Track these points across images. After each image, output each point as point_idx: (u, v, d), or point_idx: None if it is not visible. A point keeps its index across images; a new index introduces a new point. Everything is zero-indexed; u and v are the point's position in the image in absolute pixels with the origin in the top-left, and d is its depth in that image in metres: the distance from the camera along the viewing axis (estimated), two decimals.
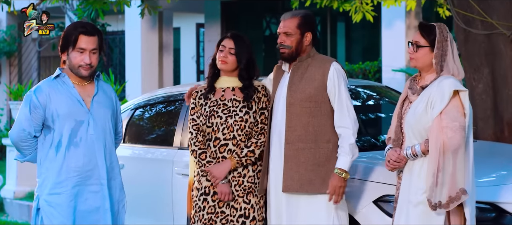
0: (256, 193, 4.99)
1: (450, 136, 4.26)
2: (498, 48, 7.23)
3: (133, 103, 6.86)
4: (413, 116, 4.42)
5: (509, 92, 7.24)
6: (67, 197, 4.58)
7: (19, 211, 10.65)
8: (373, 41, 14.30)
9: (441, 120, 4.30)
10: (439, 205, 4.27)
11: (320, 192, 4.76)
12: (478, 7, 7.19)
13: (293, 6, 10.39)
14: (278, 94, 4.92)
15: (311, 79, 4.82)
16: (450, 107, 4.32)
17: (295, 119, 4.80)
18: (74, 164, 4.60)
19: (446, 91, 4.32)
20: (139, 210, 6.26)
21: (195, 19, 19.52)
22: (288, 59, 4.92)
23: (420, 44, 4.48)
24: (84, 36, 4.57)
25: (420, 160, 4.40)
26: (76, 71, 4.62)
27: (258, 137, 4.99)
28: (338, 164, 4.74)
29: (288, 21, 4.89)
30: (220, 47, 5.02)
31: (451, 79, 4.37)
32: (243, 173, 4.98)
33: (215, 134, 4.97)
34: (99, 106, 4.69)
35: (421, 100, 4.41)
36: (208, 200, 4.97)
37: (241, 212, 4.95)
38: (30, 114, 4.59)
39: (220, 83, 5.07)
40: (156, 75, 14.65)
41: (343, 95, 4.80)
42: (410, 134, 4.45)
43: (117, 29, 16.76)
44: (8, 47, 17.05)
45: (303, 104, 4.80)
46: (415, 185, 4.40)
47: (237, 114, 4.96)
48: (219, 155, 4.97)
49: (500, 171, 5.34)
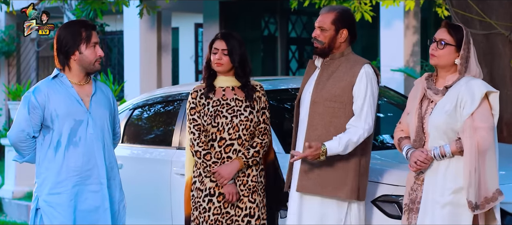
0: (260, 192, 4.99)
1: (484, 137, 4.29)
2: (497, 48, 7.23)
3: (132, 103, 6.86)
4: (439, 116, 4.38)
5: (508, 92, 7.24)
6: (67, 197, 4.58)
7: (18, 211, 10.65)
8: (371, 41, 14.30)
9: (474, 121, 4.30)
10: (476, 206, 4.26)
11: (332, 196, 4.68)
12: (476, 7, 7.19)
13: (292, 7, 10.40)
14: (306, 90, 4.81)
15: (339, 79, 4.69)
16: (481, 108, 4.34)
17: (317, 118, 4.69)
18: (73, 164, 4.60)
19: (477, 92, 4.33)
20: (137, 210, 6.26)
21: (194, 19, 19.51)
22: (321, 55, 4.76)
23: (447, 42, 4.46)
24: (94, 31, 4.64)
25: (446, 161, 4.38)
26: (92, 67, 4.64)
27: (262, 137, 4.98)
28: (327, 145, 4.54)
29: (324, 15, 4.74)
30: (212, 50, 5.00)
31: (480, 81, 4.39)
32: (247, 173, 4.98)
33: (220, 134, 4.95)
34: (97, 106, 4.69)
35: (449, 101, 4.38)
36: (214, 201, 4.95)
37: (246, 212, 4.95)
38: (29, 114, 4.58)
39: (219, 82, 5.05)
40: (154, 75, 14.64)
41: (367, 100, 4.62)
42: (435, 134, 4.40)
43: (115, 29, 16.75)
44: (7, 47, 17.04)
45: (327, 104, 4.67)
46: (441, 185, 4.37)
47: (242, 114, 4.95)
48: (224, 155, 4.95)
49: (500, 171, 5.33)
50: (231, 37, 5.01)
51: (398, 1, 9.67)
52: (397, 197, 4.83)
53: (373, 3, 9.84)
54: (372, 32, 13.96)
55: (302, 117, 4.79)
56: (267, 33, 16.33)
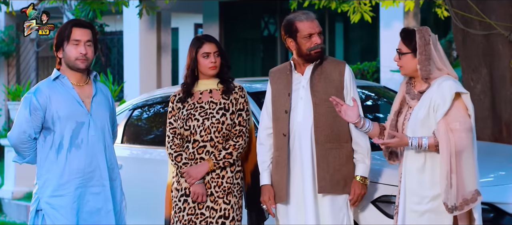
0: (235, 194, 4.99)
1: (460, 137, 4.25)
2: (497, 48, 7.23)
3: (131, 103, 6.86)
4: (414, 122, 4.38)
5: (508, 92, 7.24)
6: (70, 199, 4.57)
7: (17, 212, 10.64)
8: (371, 41, 14.30)
9: (449, 123, 4.28)
10: (454, 207, 4.25)
11: (343, 193, 4.80)
12: (476, 8, 7.19)
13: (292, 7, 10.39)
14: (295, 96, 4.86)
15: (329, 80, 4.82)
16: (455, 109, 4.30)
17: (322, 119, 4.78)
18: (76, 166, 4.60)
19: (448, 93, 4.29)
20: (137, 210, 6.25)
21: (193, 20, 19.52)
22: (320, 58, 4.87)
23: (402, 51, 4.46)
24: (77, 28, 4.60)
25: (421, 164, 4.37)
26: (73, 65, 4.61)
27: (236, 139, 4.98)
28: (360, 172, 4.79)
29: (315, 21, 4.87)
30: (202, 55, 4.99)
31: (451, 81, 4.34)
32: (221, 175, 4.98)
33: (193, 137, 4.98)
34: (98, 107, 4.69)
35: (422, 105, 4.37)
36: (189, 201, 4.98)
37: (221, 213, 4.95)
38: (30, 116, 4.57)
39: (199, 86, 5.07)
40: (154, 75, 14.64)
41: (357, 96, 4.84)
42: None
43: (115, 30, 16.75)
44: (6, 48, 17.04)
45: (327, 104, 4.77)
46: (419, 193, 4.36)
47: (214, 116, 4.96)
48: (198, 156, 4.98)
49: (499, 171, 5.34)
50: (214, 38, 5.07)
51: (397, 2, 9.67)
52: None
53: (372, 4, 9.85)
54: (372, 32, 13.96)
55: (299, 122, 4.83)
56: (267, 34, 16.33)
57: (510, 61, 7.22)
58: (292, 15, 4.91)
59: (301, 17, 4.85)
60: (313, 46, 4.80)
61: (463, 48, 7.43)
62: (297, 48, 4.85)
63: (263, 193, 4.93)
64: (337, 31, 15.45)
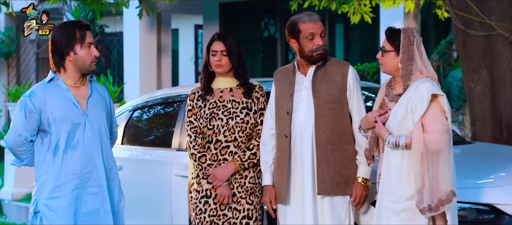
0: (257, 193, 5.00)
1: (436, 138, 4.27)
2: (497, 49, 7.23)
3: (132, 104, 6.86)
4: (393, 123, 4.42)
5: (508, 93, 7.24)
6: (67, 200, 4.57)
7: (17, 213, 10.64)
8: (371, 42, 14.31)
9: (427, 124, 4.30)
10: (429, 208, 4.27)
11: (344, 194, 4.81)
12: (476, 9, 7.19)
13: (292, 8, 10.39)
14: (297, 97, 4.88)
15: (332, 81, 4.83)
16: (432, 111, 4.33)
17: (324, 120, 4.79)
18: (72, 167, 4.59)
19: (425, 95, 4.32)
20: (137, 211, 6.25)
21: (194, 21, 19.52)
22: (323, 60, 4.88)
23: (386, 49, 4.49)
24: (88, 31, 4.62)
25: (398, 162, 4.39)
26: (88, 68, 4.62)
27: (259, 139, 4.98)
28: (361, 174, 4.80)
29: (318, 22, 4.87)
30: (211, 52, 5.02)
31: (428, 83, 4.37)
32: (244, 175, 4.98)
33: (216, 137, 4.96)
34: (94, 108, 4.68)
35: (400, 107, 4.40)
36: (210, 203, 4.96)
37: (244, 214, 4.95)
38: (25, 119, 4.56)
39: (217, 84, 5.06)
40: (154, 76, 14.64)
41: (361, 98, 4.85)
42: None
43: (115, 31, 16.75)
44: (6, 49, 17.04)
45: (329, 106, 4.79)
46: (396, 193, 4.40)
47: (238, 116, 4.96)
48: (221, 157, 4.96)
49: (499, 172, 5.34)
50: (228, 37, 5.05)
51: (398, 3, 9.67)
52: None
53: (373, 5, 9.84)
54: (372, 33, 13.96)
55: (300, 123, 4.83)
56: (267, 35, 16.33)
57: (510, 62, 7.22)
58: (296, 16, 4.91)
59: (304, 18, 4.85)
60: (315, 48, 4.81)
61: (463, 49, 7.43)
62: (299, 49, 4.86)
63: (264, 194, 4.94)
64: (337, 32, 15.45)
